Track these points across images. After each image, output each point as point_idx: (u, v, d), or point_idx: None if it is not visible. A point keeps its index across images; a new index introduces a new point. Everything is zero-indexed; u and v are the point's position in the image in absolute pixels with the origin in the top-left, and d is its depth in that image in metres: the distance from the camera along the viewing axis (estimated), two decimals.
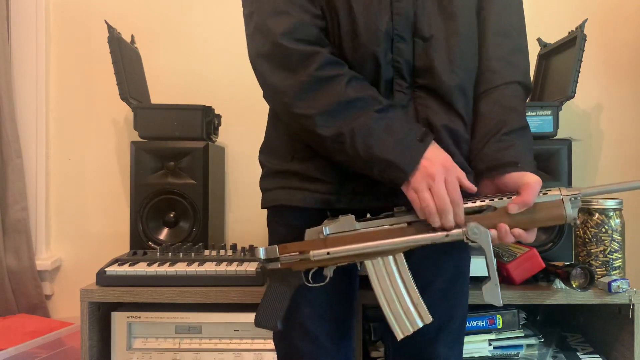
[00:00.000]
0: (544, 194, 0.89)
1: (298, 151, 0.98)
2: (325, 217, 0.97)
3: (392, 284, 0.93)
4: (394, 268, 0.93)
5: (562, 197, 0.89)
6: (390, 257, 0.93)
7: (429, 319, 0.93)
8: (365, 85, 0.92)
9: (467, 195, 0.91)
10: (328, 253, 0.93)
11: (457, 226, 0.89)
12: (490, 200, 0.90)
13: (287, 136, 0.99)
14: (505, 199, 0.89)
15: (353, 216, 0.93)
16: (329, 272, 0.95)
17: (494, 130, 0.95)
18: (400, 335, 0.93)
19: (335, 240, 0.93)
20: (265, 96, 0.99)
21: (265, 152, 1.05)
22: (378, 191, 0.94)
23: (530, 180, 0.89)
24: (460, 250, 1.03)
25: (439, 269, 1.01)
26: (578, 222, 0.92)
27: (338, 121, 0.88)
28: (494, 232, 0.89)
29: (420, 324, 0.93)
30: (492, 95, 0.99)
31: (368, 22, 0.92)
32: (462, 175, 0.90)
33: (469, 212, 0.90)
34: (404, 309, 0.93)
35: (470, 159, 0.98)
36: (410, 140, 0.88)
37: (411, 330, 0.93)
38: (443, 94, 0.95)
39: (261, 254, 0.96)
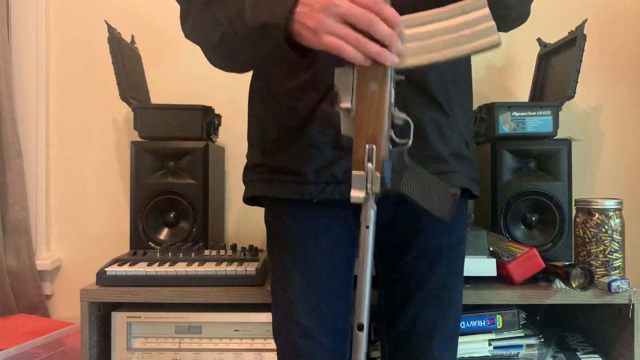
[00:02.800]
0: None
1: (269, 143, 1.00)
2: (312, 207, 0.96)
3: None
4: None
5: None
6: None
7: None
8: None
9: None
10: None
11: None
12: None
13: (259, 128, 1.03)
14: None
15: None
16: None
17: None
18: None
19: None
20: None
21: (248, 147, 1.10)
22: None
23: None
24: (455, 250, 1.03)
25: (432, 269, 1.01)
26: None
27: (216, 20, 0.87)
28: None
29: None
30: None
31: None
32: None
33: None
34: None
35: None
36: None
37: None
38: (422, 85, 0.95)
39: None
